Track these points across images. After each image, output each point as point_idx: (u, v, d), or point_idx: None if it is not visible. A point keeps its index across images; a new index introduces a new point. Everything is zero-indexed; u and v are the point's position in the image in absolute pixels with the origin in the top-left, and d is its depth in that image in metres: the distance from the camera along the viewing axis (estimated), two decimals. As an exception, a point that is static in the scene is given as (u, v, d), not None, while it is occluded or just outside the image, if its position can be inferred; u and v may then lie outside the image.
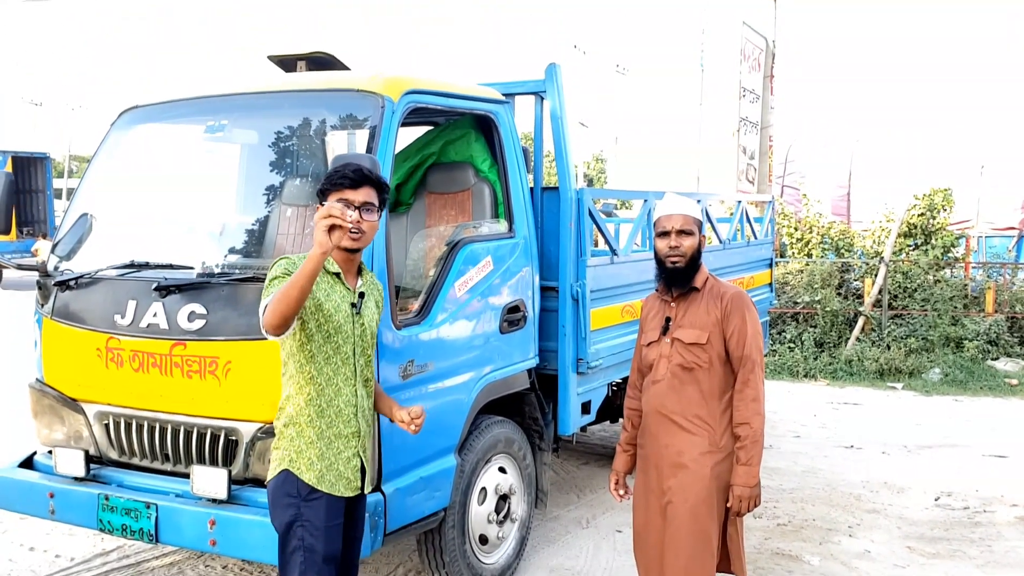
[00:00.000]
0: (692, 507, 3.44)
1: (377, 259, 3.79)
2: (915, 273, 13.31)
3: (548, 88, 5.14)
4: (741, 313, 3.47)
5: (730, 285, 3.61)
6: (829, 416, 9.52)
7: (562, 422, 5.19)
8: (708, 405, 3.48)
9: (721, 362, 3.49)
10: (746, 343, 3.45)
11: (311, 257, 2.81)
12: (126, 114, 4.70)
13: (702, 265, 3.58)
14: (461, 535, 4.45)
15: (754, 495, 3.42)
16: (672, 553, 3.46)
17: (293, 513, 3.05)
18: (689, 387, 3.49)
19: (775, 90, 18.83)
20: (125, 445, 4.17)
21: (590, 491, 6.64)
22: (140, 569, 5.06)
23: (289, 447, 3.10)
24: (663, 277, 3.57)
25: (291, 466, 3.07)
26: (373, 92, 4.02)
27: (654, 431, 3.58)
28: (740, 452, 3.42)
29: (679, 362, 3.50)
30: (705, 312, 3.50)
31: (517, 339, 4.79)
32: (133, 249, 4.24)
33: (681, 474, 3.47)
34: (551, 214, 5.19)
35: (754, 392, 3.43)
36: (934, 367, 11.65)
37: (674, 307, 3.58)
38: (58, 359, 4.33)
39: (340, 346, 3.11)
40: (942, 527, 5.99)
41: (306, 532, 3.04)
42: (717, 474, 3.45)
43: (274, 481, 3.12)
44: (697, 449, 3.46)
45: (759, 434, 3.40)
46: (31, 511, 4.29)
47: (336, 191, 3.03)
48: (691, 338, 3.48)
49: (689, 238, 3.50)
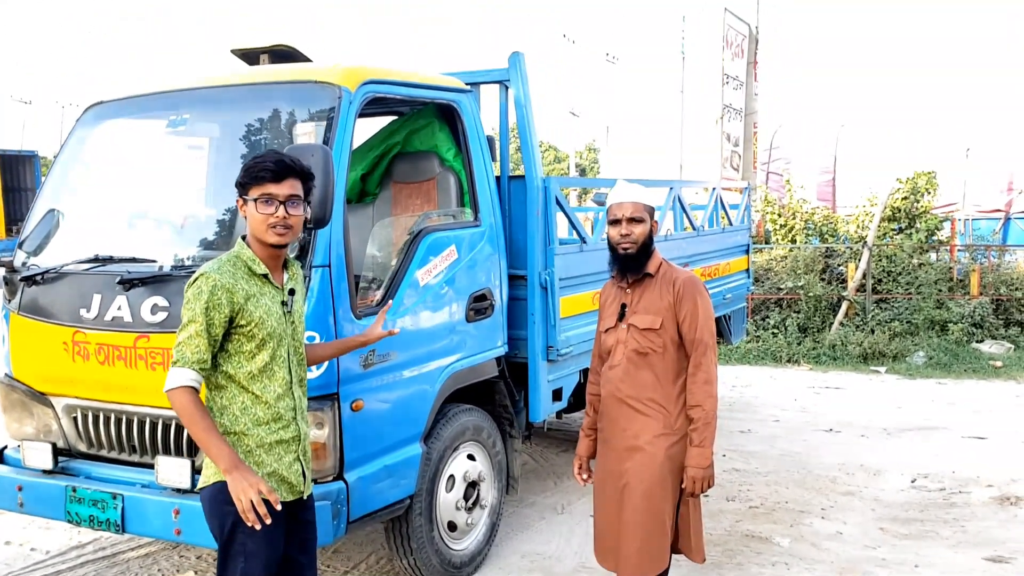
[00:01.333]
0: (647, 489, 3.50)
1: (335, 248, 3.81)
2: (899, 257, 13.36)
3: (512, 76, 5.16)
4: (693, 298, 3.52)
5: (682, 270, 3.65)
6: (810, 400, 9.57)
7: (533, 409, 5.22)
8: (663, 388, 3.54)
9: (675, 346, 3.54)
10: (698, 327, 3.50)
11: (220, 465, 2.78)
12: (91, 110, 4.71)
13: (655, 251, 3.63)
14: (429, 522, 4.49)
15: (707, 476, 3.47)
16: (628, 534, 3.52)
17: (232, 519, 2.85)
18: (644, 371, 3.55)
19: (759, 76, 18.86)
20: (93, 437, 4.20)
21: (567, 478, 6.68)
22: (115, 561, 5.10)
23: None
24: (616, 264, 3.61)
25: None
26: (330, 83, 4.04)
27: (612, 415, 3.64)
28: (693, 434, 3.46)
29: (634, 347, 3.56)
30: (659, 297, 3.55)
31: (484, 327, 4.82)
32: (98, 244, 4.26)
33: (637, 456, 3.53)
34: (518, 203, 5.21)
35: (706, 375, 3.48)
36: (918, 350, 11.71)
37: (629, 293, 3.63)
38: (26, 354, 4.36)
39: (274, 351, 2.98)
40: (917, 508, 6.03)
41: (247, 538, 2.87)
42: (671, 455, 3.51)
43: (209, 491, 2.94)
44: (652, 432, 3.52)
45: (711, 416, 3.45)
46: (0, 504, 4.32)
47: (257, 185, 2.89)
48: (645, 323, 3.54)
49: (640, 225, 3.54)
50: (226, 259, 2.95)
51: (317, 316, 3.73)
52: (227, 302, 2.86)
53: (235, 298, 2.87)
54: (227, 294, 2.86)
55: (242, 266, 2.95)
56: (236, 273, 2.91)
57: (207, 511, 3.00)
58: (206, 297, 2.84)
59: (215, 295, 2.85)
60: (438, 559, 4.57)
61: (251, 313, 2.91)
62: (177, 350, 2.85)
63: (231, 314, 2.88)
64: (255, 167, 2.91)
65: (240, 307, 2.88)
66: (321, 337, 3.73)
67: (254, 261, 2.96)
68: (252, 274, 2.96)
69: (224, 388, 2.97)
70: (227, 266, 2.91)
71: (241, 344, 2.94)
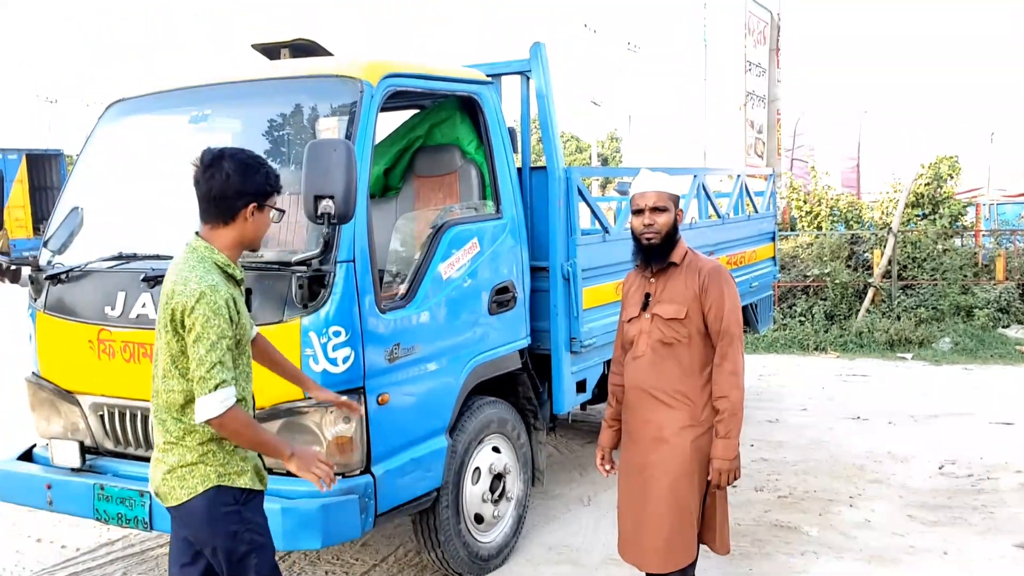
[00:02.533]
0: (672, 481, 3.46)
1: (359, 243, 3.81)
2: (924, 243, 13.23)
3: (533, 67, 5.14)
4: (719, 287, 3.47)
5: (707, 259, 3.61)
6: (837, 388, 9.50)
7: (556, 401, 5.21)
8: (688, 380, 3.50)
9: (700, 336, 3.49)
10: (724, 316, 3.45)
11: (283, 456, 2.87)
12: (113, 107, 4.74)
13: (680, 240, 3.59)
14: (456, 515, 4.49)
15: (733, 468, 3.43)
16: (653, 528, 3.49)
17: (236, 520, 2.89)
18: (669, 362, 3.51)
19: (781, 63, 18.71)
20: (120, 435, 4.23)
21: (592, 469, 6.66)
22: (144, 557, 5.14)
23: (212, 463, 2.88)
24: (640, 254, 3.58)
25: (220, 480, 2.88)
26: (352, 77, 4.04)
27: (635, 406, 3.61)
28: (719, 425, 3.42)
29: (659, 337, 3.52)
30: (684, 287, 3.50)
31: (507, 320, 4.81)
32: (122, 241, 4.28)
33: (662, 448, 3.50)
34: (540, 194, 5.19)
35: (732, 365, 3.43)
36: (944, 336, 11.60)
37: (653, 283, 3.59)
38: (52, 352, 4.39)
39: (244, 349, 2.97)
40: (945, 495, 5.98)
41: (253, 534, 2.93)
42: (697, 447, 3.47)
43: (201, 500, 2.87)
44: (678, 423, 3.48)
45: (737, 407, 3.41)
46: (30, 503, 4.36)
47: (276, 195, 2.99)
48: (670, 313, 3.49)
49: (663, 214, 3.49)
50: (206, 266, 2.85)
51: (342, 311, 3.73)
52: (230, 316, 2.82)
53: (233, 309, 2.84)
54: (229, 304, 2.82)
55: (222, 274, 2.88)
56: (221, 281, 2.85)
57: (205, 519, 2.89)
58: (225, 312, 2.79)
59: (230, 308, 2.82)
60: (465, 552, 4.58)
61: (239, 319, 2.89)
62: (217, 370, 2.73)
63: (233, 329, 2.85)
64: (279, 178, 2.98)
65: (236, 319, 2.86)
66: (346, 332, 3.73)
67: (229, 266, 2.92)
68: (232, 280, 2.93)
69: None
70: (215, 275, 2.84)
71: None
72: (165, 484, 2.91)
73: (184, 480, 2.87)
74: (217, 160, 2.87)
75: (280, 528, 3.65)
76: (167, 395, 2.86)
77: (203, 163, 2.88)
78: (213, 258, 2.88)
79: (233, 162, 2.87)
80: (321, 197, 3.39)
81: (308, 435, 3.78)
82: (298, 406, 3.77)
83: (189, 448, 2.87)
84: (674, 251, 3.55)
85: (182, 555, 3.08)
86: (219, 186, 2.85)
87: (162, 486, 2.92)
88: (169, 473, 2.88)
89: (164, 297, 2.86)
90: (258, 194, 2.91)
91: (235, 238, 2.93)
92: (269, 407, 3.78)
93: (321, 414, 3.76)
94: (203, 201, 2.90)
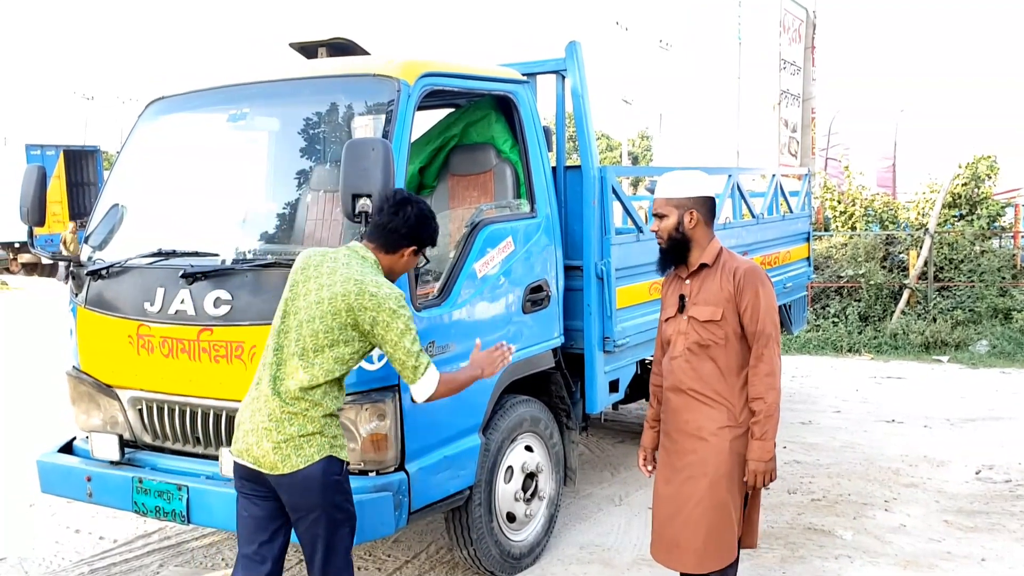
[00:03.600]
0: (711, 481, 3.44)
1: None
2: (961, 244, 13.06)
3: (569, 66, 5.13)
4: (754, 288, 3.45)
5: (743, 260, 3.58)
6: (871, 391, 9.42)
7: (589, 400, 5.20)
8: (726, 381, 3.48)
9: (737, 337, 3.47)
10: (759, 318, 3.43)
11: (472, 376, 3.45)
12: (152, 105, 4.78)
13: (712, 241, 3.55)
14: (488, 513, 4.50)
15: (769, 469, 3.41)
16: (691, 528, 3.46)
17: (341, 489, 3.20)
18: (706, 363, 3.49)
19: (816, 61, 18.55)
20: (158, 429, 4.28)
21: (624, 469, 6.66)
22: (180, 550, 5.20)
23: (327, 434, 3.16)
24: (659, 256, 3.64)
25: (332, 451, 3.16)
26: (389, 76, 4.05)
27: (674, 406, 3.59)
28: (754, 427, 3.40)
29: (695, 339, 3.50)
30: (718, 288, 3.48)
31: (541, 319, 4.81)
32: (161, 237, 4.33)
33: (700, 448, 3.47)
34: (574, 193, 5.19)
35: (768, 367, 3.41)
36: (981, 339, 11.46)
37: (688, 284, 3.58)
38: (92, 347, 4.45)
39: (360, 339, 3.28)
40: (982, 500, 5.91)
41: (349, 505, 3.23)
42: (736, 448, 3.44)
43: (316, 468, 3.12)
44: (716, 423, 3.46)
45: (773, 408, 3.38)
46: (70, 494, 4.43)
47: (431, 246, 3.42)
48: (705, 315, 3.48)
49: (663, 220, 3.52)
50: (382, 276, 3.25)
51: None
52: None
53: None
54: None
55: None
56: None
57: (316, 486, 3.12)
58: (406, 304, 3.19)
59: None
60: (497, 550, 4.59)
61: None
62: (424, 356, 3.20)
63: None
64: (437, 234, 3.41)
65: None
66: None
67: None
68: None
69: (337, 382, 3.23)
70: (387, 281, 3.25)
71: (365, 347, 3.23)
72: (278, 452, 3.11)
73: (301, 449, 3.11)
74: (405, 203, 3.29)
75: (315, 524, 3.68)
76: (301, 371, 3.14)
77: (394, 200, 3.29)
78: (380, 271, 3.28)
79: (416, 209, 3.29)
80: (359, 196, 3.42)
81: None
82: None
83: (312, 419, 3.13)
84: (702, 252, 3.53)
85: (260, 533, 3.25)
86: (398, 224, 3.26)
87: (273, 454, 3.11)
88: (285, 442, 3.11)
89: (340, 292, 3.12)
90: (422, 242, 3.36)
91: (387, 265, 3.32)
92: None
93: (356, 411, 3.78)
94: (379, 228, 3.29)
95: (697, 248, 3.53)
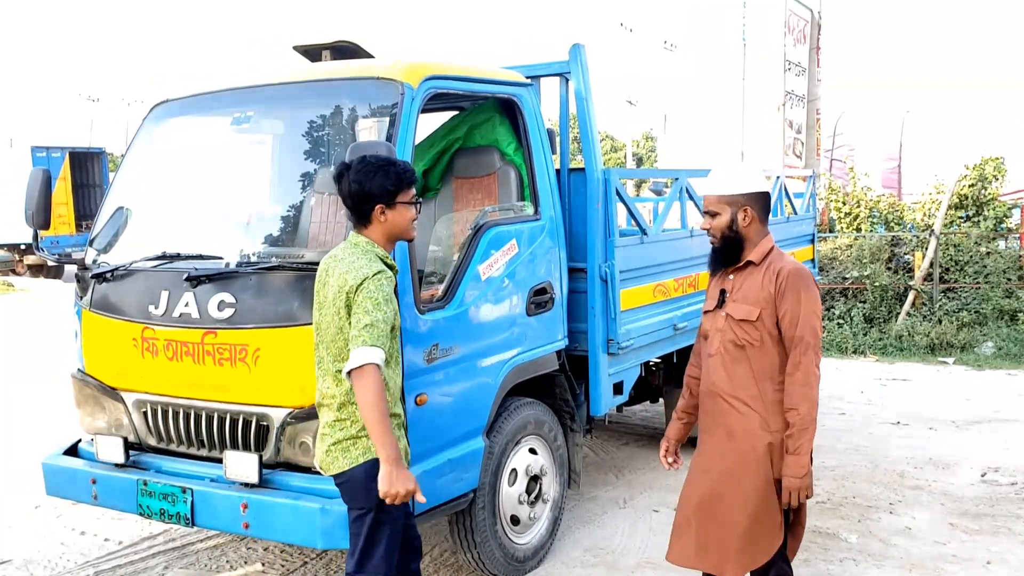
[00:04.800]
0: (744, 488, 3.33)
1: (399, 244, 3.83)
2: (967, 245, 13.04)
3: (572, 68, 5.13)
4: (797, 291, 3.29)
5: (790, 260, 3.42)
6: (876, 393, 9.40)
7: (594, 403, 5.20)
8: (759, 386, 3.34)
9: (773, 341, 3.32)
10: (799, 323, 3.26)
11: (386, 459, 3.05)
12: (156, 108, 4.80)
13: (765, 239, 3.42)
14: (492, 516, 4.50)
15: (804, 485, 3.26)
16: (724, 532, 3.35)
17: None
18: (741, 365, 3.36)
19: (821, 62, 18.53)
20: (163, 432, 4.28)
21: (629, 471, 6.66)
22: (185, 552, 5.20)
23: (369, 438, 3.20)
24: (710, 254, 3.52)
25: (376, 454, 3.17)
26: (392, 79, 4.06)
27: (707, 408, 3.49)
28: (788, 440, 3.26)
29: (731, 338, 3.38)
30: (760, 287, 3.34)
31: (545, 321, 4.81)
32: (165, 241, 4.34)
33: (733, 452, 3.36)
34: (578, 195, 5.19)
35: (805, 376, 3.25)
36: (987, 341, 11.44)
37: (731, 280, 3.45)
38: (97, 349, 4.46)
39: (395, 335, 3.28)
40: (987, 503, 5.90)
41: (393, 507, 3.23)
42: (769, 452, 3.31)
43: (360, 469, 3.23)
44: (747, 428, 3.33)
45: (808, 421, 3.23)
46: (76, 497, 4.45)
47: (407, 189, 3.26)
48: (742, 314, 3.35)
49: (716, 218, 3.39)
50: (370, 257, 3.20)
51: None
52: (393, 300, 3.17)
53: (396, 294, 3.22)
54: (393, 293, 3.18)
55: (380, 262, 3.22)
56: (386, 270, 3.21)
57: (360, 486, 3.23)
58: (387, 289, 3.14)
59: (389, 286, 3.16)
60: (502, 553, 4.59)
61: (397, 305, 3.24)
62: (368, 331, 3.05)
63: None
64: (407, 173, 3.26)
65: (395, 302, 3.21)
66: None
67: (387, 258, 3.28)
68: (388, 267, 3.25)
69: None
70: (380, 264, 3.19)
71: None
72: (329, 455, 3.27)
73: (347, 452, 3.25)
74: (343, 171, 3.22)
75: (319, 527, 3.69)
76: (332, 376, 3.24)
77: (334, 176, 3.25)
78: (374, 251, 3.24)
79: (355, 171, 3.19)
80: (362, 198, 3.41)
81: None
82: None
83: (355, 422, 3.22)
84: (752, 250, 3.40)
85: None
86: (344, 197, 3.23)
87: (325, 458, 3.29)
88: (334, 445, 3.26)
89: (335, 287, 3.18)
90: (381, 196, 3.21)
91: (381, 235, 3.28)
92: (309, 406, 3.82)
93: (358, 415, 3.78)
94: (347, 211, 3.30)
95: (750, 246, 3.40)
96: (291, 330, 3.81)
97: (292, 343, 3.81)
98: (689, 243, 5.96)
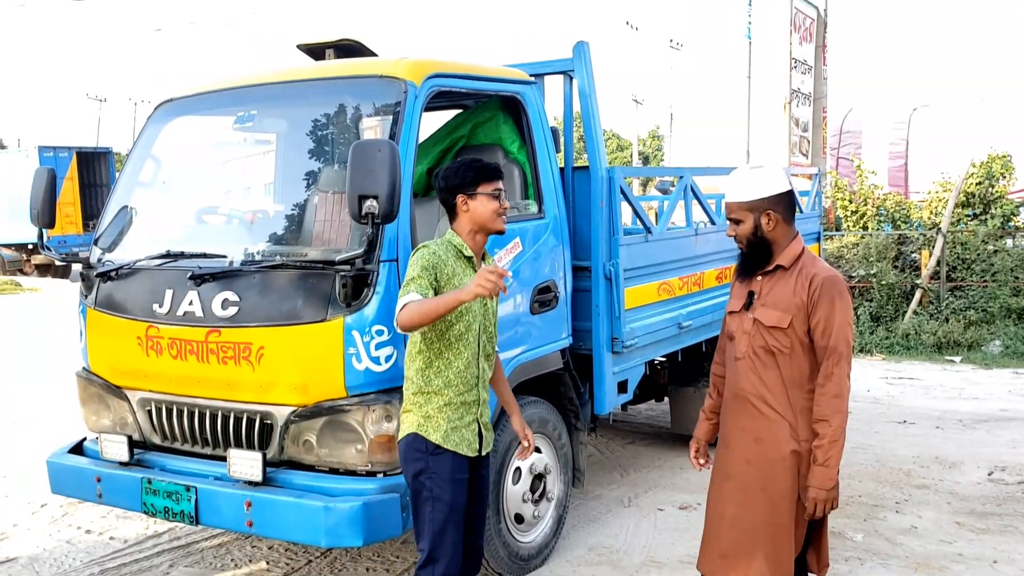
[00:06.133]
0: (767, 492, 3.27)
1: (403, 242, 3.84)
2: (974, 244, 12.99)
3: (576, 67, 5.13)
4: (831, 299, 3.18)
5: (824, 266, 3.30)
6: (883, 391, 9.38)
7: (598, 401, 5.19)
8: (789, 393, 3.26)
9: (804, 348, 3.23)
10: (833, 333, 3.17)
11: (461, 296, 3.09)
12: (161, 107, 4.80)
13: (794, 241, 3.33)
14: (496, 514, 4.49)
15: (831, 497, 3.19)
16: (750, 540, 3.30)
17: (421, 466, 3.37)
18: (770, 371, 3.28)
19: (827, 60, 18.48)
20: (167, 430, 4.29)
21: (634, 470, 6.65)
22: (190, 550, 5.21)
23: (418, 413, 3.39)
24: (738, 259, 3.47)
25: (419, 430, 3.37)
26: (396, 77, 4.06)
27: (733, 411, 3.41)
28: (817, 451, 3.17)
29: (760, 343, 3.30)
30: (791, 293, 3.25)
31: (549, 319, 4.81)
32: (170, 239, 4.35)
33: (758, 458, 3.30)
34: (582, 194, 5.18)
35: (837, 387, 3.16)
36: (994, 339, 11.41)
37: (760, 282, 3.36)
38: (102, 348, 4.47)
39: (470, 324, 3.39)
40: (994, 502, 5.88)
41: (433, 483, 3.35)
42: (796, 460, 3.25)
43: (404, 440, 3.43)
44: (775, 436, 3.27)
45: (838, 433, 3.14)
46: (80, 495, 4.46)
47: (488, 182, 3.42)
48: (772, 320, 3.26)
49: (740, 225, 3.32)
50: (440, 241, 3.43)
51: (385, 310, 3.75)
52: (437, 267, 3.31)
53: (444, 270, 3.32)
54: (439, 262, 3.32)
55: (452, 249, 3.41)
56: (448, 252, 3.39)
57: (402, 457, 3.45)
58: (425, 260, 3.31)
59: (431, 259, 3.32)
60: (506, 551, 4.58)
61: (454, 287, 3.31)
62: (404, 288, 3.26)
63: (437, 280, 3.30)
64: (484, 167, 3.44)
65: (447, 279, 3.32)
66: (389, 331, 3.76)
67: (463, 246, 3.43)
68: (460, 256, 3.42)
69: (423, 353, 3.38)
70: (441, 245, 3.40)
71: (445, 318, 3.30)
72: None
73: (403, 423, 3.46)
74: (435, 177, 3.53)
75: (323, 525, 3.69)
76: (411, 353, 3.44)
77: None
78: (451, 239, 3.44)
79: (443, 169, 3.50)
80: (365, 197, 3.43)
81: (350, 433, 3.81)
82: (340, 404, 3.81)
83: (408, 397, 3.44)
84: (782, 253, 3.31)
85: None
86: (439, 194, 3.47)
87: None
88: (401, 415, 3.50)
89: None
90: (460, 187, 3.41)
91: (466, 227, 3.45)
92: (312, 404, 3.83)
93: (363, 412, 3.79)
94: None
95: (779, 249, 3.30)
96: (295, 329, 3.82)
97: (296, 342, 3.82)
98: (694, 241, 5.94)
